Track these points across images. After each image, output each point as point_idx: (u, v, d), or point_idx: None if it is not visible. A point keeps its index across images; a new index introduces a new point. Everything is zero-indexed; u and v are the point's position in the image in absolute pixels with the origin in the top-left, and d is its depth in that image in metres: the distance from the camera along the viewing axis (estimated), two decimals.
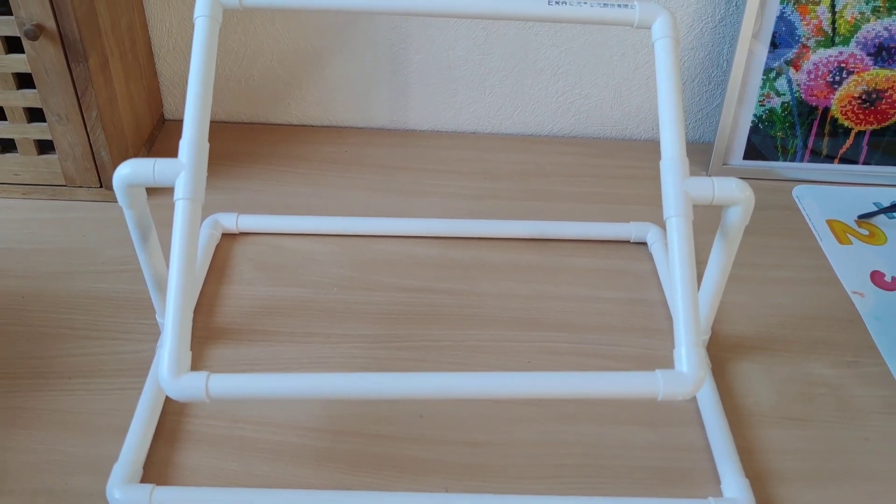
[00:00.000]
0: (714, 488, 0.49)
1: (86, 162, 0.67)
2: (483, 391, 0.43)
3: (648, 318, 0.61)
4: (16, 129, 0.66)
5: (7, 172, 0.68)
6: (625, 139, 0.84)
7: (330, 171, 0.76)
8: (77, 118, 0.65)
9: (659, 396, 0.43)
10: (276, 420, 0.52)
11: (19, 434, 0.50)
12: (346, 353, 0.57)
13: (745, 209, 0.48)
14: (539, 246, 0.68)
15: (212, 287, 0.62)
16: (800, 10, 0.71)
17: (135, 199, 0.49)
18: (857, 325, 0.62)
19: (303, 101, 0.82)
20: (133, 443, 0.49)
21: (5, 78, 0.63)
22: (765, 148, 0.77)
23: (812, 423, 0.54)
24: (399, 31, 0.77)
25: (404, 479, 0.49)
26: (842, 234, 0.71)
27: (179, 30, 0.77)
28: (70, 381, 0.54)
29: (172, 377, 0.42)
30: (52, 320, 0.58)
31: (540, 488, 0.49)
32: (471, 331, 0.59)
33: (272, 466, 0.50)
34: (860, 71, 0.73)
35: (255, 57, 0.79)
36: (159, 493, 0.46)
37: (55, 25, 0.60)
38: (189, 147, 0.46)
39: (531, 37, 0.77)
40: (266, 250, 0.66)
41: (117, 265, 0.63)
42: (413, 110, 0.82)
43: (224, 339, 0.58)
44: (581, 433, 0.53)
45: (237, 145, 0.79)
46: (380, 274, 0.64)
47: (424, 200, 0.72)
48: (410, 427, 0.52)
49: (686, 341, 0.43)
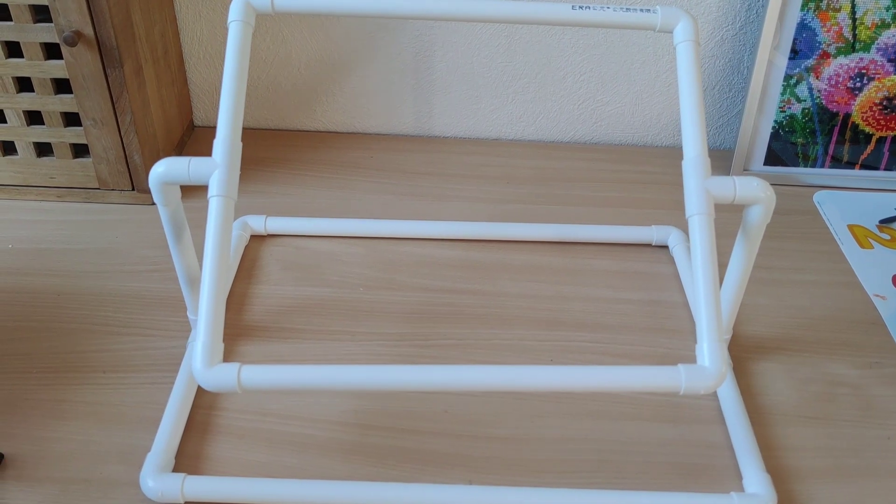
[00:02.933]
0: (736, 484, 0.50)
1: (119, 165, 0.69)
2: (507, 384, 0.44)
3: (669, 320, 0.62)
4: (53, 133, 0.68)
5: (43, 176, 0.70)
6: (645, 145, 0.85)
7: (355, 176, 0.77)
8: (111, 123, 0.67)
9: (681, 390, 0.43)
10: (303, 414, 0.53)
11: (56, 425, 0.52)
12: (371, 350, 0.58)
13: (766, 208, 0.49)
14: (560, 249, 0.69)
15: (241, 286, 0.64)
16: (820, 17, 0.72)
17: (169, 197, 0.50)
18: (879, 327, 0.62)
19: (329, 107, 0.83)
20: (165, 433, 0.50)
21: (44, 83, 0.65)
22: (785, 154, 0.78)
23: (833, 422, 0.54)
24: (423, 39, 0.79)
25: (428, 471, 0.50)
26: (863, 238, 0.71)
27: (210, 39, 0.79)
28: (104, 375, 0.55)
29: (206, 368, 0.43)
30: (87, 317, 0.60)
31: (561, 482, 0.50)
32: (493, 330, 0.60)
33: (300, 458, 0.51)
34: (881, 77, 0.74)
35: (284, 64, 0.81)
36: (190, 482, 0.48)
37: (93, 32, 0.62)
38: (223, 146, 0.48)
39: (553, 44, 0.79)
40: (293, 251, 0.67)
41: (149, 265, 0.65)
42: (437, 117, 0.84)
43: (252, 337, 0.59)
44: (603, 429, 0.53)
45: (265, 150, 0.80)
46: (403, 275, 0.65)
47: (448, 204, 0.74)
48: (435, 422, 0.53)
49: (708, 336, 0.44)
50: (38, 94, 0.66)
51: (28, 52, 0.63)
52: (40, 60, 0.64)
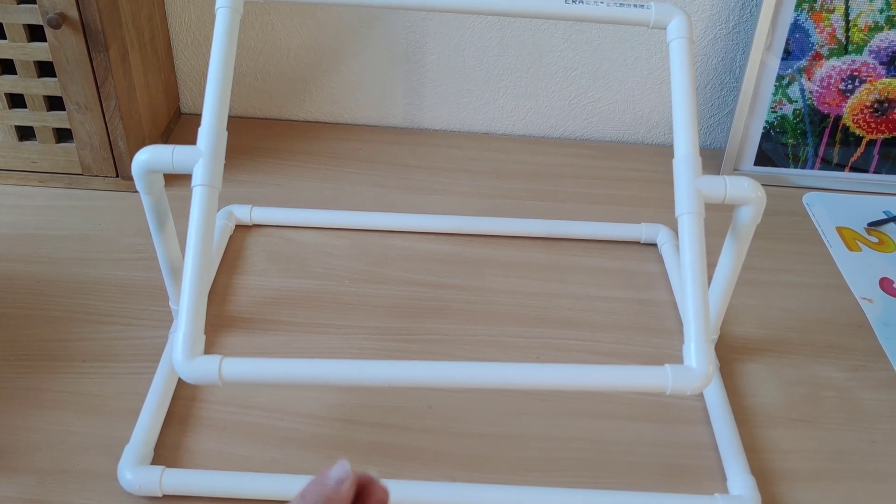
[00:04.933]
0: (721, 485, 0.50)
1: (103, 151, 0.68)
2: (493, 381, 0.43)
3: (657, 319, 0.62)
4: (35, 116, 0.67)
5: (25, 160, 0.69)
6: (636, 143, 0.85)
7: (343, 168, 0.76)
8: (96, 107, 0.65)
9: (668, 390, 0.43)
10: (286, 408, 0.53)
11: (34, 414, 0.51)
12: (356, 344, 0.58)
13: (756, 209, 0.49)
14: (548, 245, 0.68)
15: (225, 277, 0.63)
16: (814, 18, 0.72)
17: (152, 185, 0.49)
18: (866, 331, 0.62)
19: (318, 97, 0.82)
20: (144, 425, 0.50)
21: (27, 66, 0.64)
22: (776, 154, 0.78)
23: (819, 425, 0.54)
24: (415, 31, 0.78)
25: (412, 468, 0.50)
26: (851, 241, 0.71)
27: (198, 25, 0.78)
28: (84, 364, 0.55)
29: (186, 359, 0.43)
30: (68, 305, 0.59)
31: (546, 481, 0.50)
32: (479, 326, 0.60)
33: (281, 453, 0.50)
34: (873, 80, 0.74)
35: (272, 53, 0.80)
36: (169, 475, 0.47)
37: (78, 15, 0.61)
38: (208, 135, 0.47)
39: (545, 39, 0.78)
40: (279, 242, 0.66)
41: (132, 253, 0.64)
42: (427, 109, 0.83)
43: (236, 328, 0.58)
44: (589, 428, 0.53)
45: (252, 140, 0.79)
46: (390, 268, 0.65)
47: (436, 198, 0.73)
48: (419, 418, 0.53)
49: (696, 337, 0.44)
50: (21, 77, 0.64)
51: (11, 33, 0.62)
52: (24, 42, 0.62)
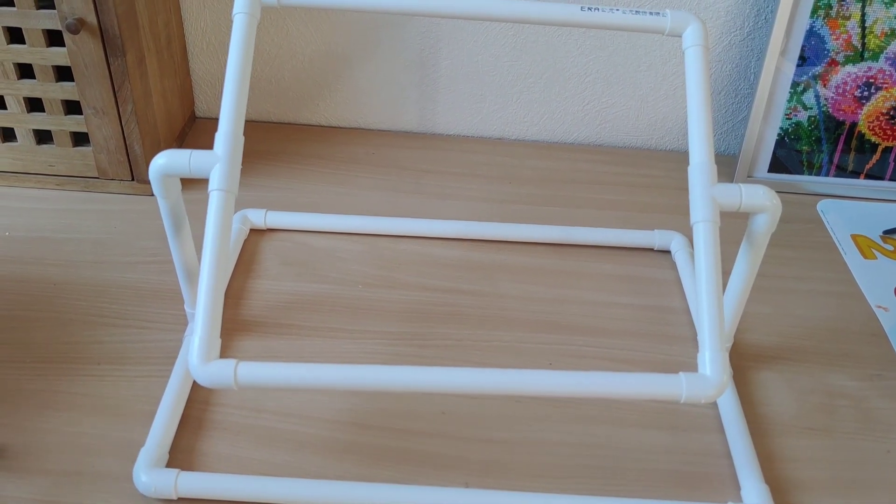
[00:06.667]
0: (734, 494, 0.49)
1: (119, 155, 0.69)
2: (506, 387, 0.43)
3: (670, 326, 0.62)
4: (53, 120, 0.67)
5: (42, 164, 0.70)
6: (649, 149, 0.85)
7: (357, 172, 0.77)
8: (113, 112, 0.66)
9: (682, 399, 0.43)
10: (299, 412, 0.53)
11: (49, 416, 0.51)
12: (369, 349, 0.58)
13: (771, 217, 0.49)
14: (561, 251, 0.68)
15: (239, 281, 0.63)
16: (829, 25, 0.72)
17: (169, 190, 0.50)
18: (881, 339, 0.62)
19: (332, 102, 0.83)
20: (159, 428, 0.50)
21: (45, 70, 0.64)
22: (790, 161, 0.77)
23: (833, 434, 0.54)
24: (429, 36, 0.78)
25: (425, 473, 0.50)
26: (866, 248, 0.71)
27: (214, 30, 0.78)
28: (99, 366, 0.55)
29: (202, 363, 0.43)
30: (83, 308, 0.59)
31: (559, 487, 0.49)
32: (492, 331, 0.60)
33: (294, 457, 0.50)
34: (889, 87, 0.73)
35: (287, 58, 0.80)
36: (184, 478, 0.47)
37: (96, 20, 0.61)
38: (225, 140, 0.47)
39: (559, 45, 0.78)
40: (293, 247, 0.67)
41: (147, 257, 0.64)
42: (441, 114, 0.83)
43: (250, 332, 0.59)
44: (602, 435, 0.53)
45: (267, 144, 0.80)
46: (403, 273, 0.65)
47: (449, 203, 0.73)
48: (432, 423, 0.53)
49: (710, 345, 0.44)
50: (40, 81, 0.65)
51: (30, 38, 0.62)
52: (42, 47, 0.63)
